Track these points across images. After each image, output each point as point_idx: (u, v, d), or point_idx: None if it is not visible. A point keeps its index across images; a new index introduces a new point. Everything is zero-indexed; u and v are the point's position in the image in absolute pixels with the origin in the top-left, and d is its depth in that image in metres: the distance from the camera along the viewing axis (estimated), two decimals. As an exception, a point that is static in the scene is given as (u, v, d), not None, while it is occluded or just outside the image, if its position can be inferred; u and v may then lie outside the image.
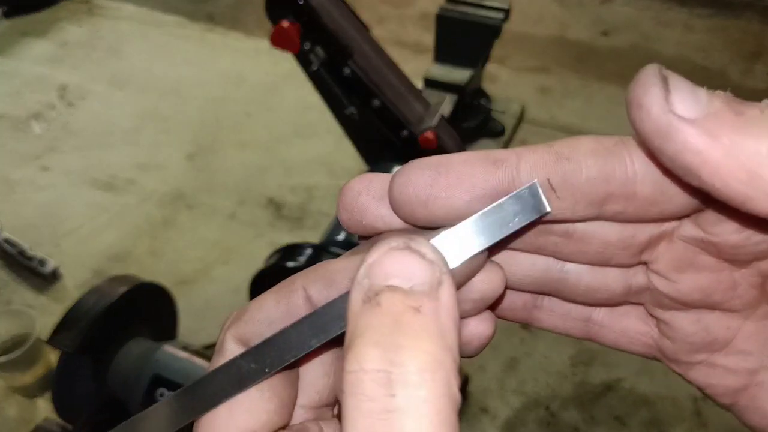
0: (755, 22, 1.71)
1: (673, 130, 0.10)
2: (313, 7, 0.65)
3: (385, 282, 0.11)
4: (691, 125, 0.10)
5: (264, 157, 1.36)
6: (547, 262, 0.15)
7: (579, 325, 0.16)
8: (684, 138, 0.10)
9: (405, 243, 0.12)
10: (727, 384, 0.15)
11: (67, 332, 0.75)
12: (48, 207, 1.26)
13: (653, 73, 0.11)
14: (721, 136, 0.10)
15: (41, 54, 1.63)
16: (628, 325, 0.16)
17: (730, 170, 0.10)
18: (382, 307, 0.11)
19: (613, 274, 0.15)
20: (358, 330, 0.11)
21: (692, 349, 0.15)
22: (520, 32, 1.66)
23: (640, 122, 0.11)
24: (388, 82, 0.69)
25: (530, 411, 0.97)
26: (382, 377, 0.10)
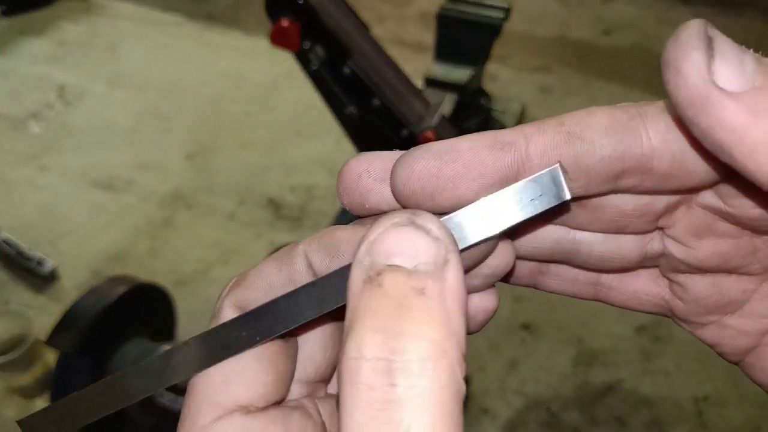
0: (758, 20, 1.70)
1: (711, 103, 0.09)
2: (312, 6, 0.64)
3: (388, 261, 0.11)
4: (732, 100, 0.09)
5: (264, 156, 1.35)
6: (558, 232, 0.14)
7: (587, 288, 0.16)
8: (722, 113, 0.09)
9: (409, 219, 0.11)
10: (737, 344, 0.15)
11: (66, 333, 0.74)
12: (46, 207, 1.25)
13: (697, 32, 0.10)
14: (764, 115, 0.09)
15: (39, 53, 1.62)
16: (639, 288, 0.15)
17: (766, 154, 0.09)
18: (384, 289, 0.10)
19: (627, 242, 0.14)
20: (359, 312, 0.10)
21: (705, 310, 0.15)
22: (521, 31, 1.66)
23: (675, 88, 0.10)
24: (388, 82, 0.69)
25: (531, 412, 0.97)
26: (382, 366, 0.10)
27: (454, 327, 0.10)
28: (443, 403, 0.10)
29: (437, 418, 0.09)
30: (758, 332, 0.15)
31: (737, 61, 0.09)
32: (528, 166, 0.12)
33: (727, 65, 0.09)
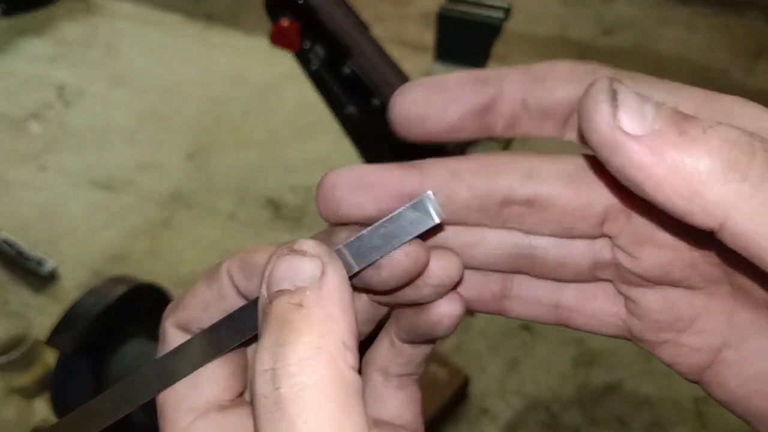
0: (758, 20, 1.70)
1: (619, 146, 0.11)
2: (312, 6, 0.64)
3: (276, 288, 0.12)
4: (636, 142, 0.11)
5: (263, 156, 1.35)
6: (514, 238, 0.15)
7: (549, 311, 0.16)
8: (629, 154, 0.11)
9: (288, 248, 0.13)
10: (692, 362, 0.15)
11: (66, 333, 0.74)
12: (46, 207, 1.25)
13: (603, 88, 0.11)
14: (665, 153, 0.11)
15: (39, 53, 1.62)
16: (598, 308, 0.16)
17: (672, 186, 0.11)
18: (273, 312, 0.12)
19: (578, 247, 0.15)
20: (260, 337, 0.12)
21: (659, 327, 0.15)
22: (521, 31, 1.66)
23: (589, 134, 0.11)
24: (388, 82, 0.69)
25: (531, 412, 0.97)
26: (269, 375, 0.11)
27: (332, 326, 0.12)
28: (325, 391, 0.11)
29: (322, 405, 0.11)
30: (711, 349, 0.15)
31: (638, 109, 0.11)
32: (500, 99, 0.14)
33: (629, 113, 0.11)
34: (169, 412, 0.15)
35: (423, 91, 0.14)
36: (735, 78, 1.54)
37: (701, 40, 1.65)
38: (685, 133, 0.11)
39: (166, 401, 0.15)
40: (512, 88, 0.14)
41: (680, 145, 0.11)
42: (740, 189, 0.10)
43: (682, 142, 0.11)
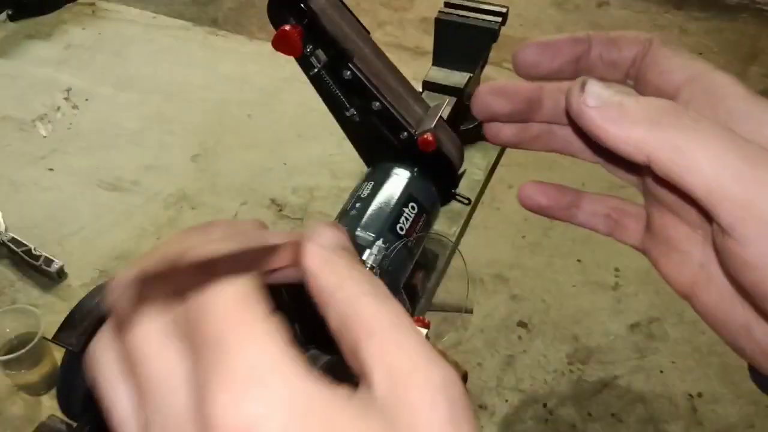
0: (751, 24, 1.72)
1: (582, 112, 0.17)
2: (315, 11, 0.66)
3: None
4: (591, 110, 0.17)
5: (266, 158, 1.38)
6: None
7: (602, 221, 0.22)
8: (589, 116, 0.17)
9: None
10: (678, 278, 0.20)
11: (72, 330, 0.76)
12: (53, 207, 1.27)
13: (578, 82, 0.17)
14: (608, 118, 0.17)
15: (46, 56, 1.65)
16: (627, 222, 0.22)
17: (615, 134, 0.16)
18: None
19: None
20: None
21: (657, 243, 0.20)
22: (518, 36, 1.68)
23: (569, 107, 0.17)
24: (388, 85, 0.70)
25: (528, 408, 0.98)
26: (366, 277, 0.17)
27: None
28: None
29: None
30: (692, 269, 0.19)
31: (596, 92, 0.17)
32: (587, 52, 0.20)
33: (589, 95, 0.17)
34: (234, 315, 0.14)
35: (537, 46, 0.20)
36: (729, 81, 1.55)
37: (695, 44, 1.67)
38: (622, 104, 0.16)
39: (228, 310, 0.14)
40: (595, 46, 0.20)
41: (618, 113, 0.16)
42: (656, 133, 0.15)
43: (619, 111, 0.16)
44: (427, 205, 0.69)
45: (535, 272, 1.14)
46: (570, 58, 0.20)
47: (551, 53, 0.20)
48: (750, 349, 0.17)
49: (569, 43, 0.20)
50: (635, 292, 1.10)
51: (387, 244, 0.61)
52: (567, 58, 0.20)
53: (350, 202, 0.67)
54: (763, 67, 1.59)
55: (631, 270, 1.16)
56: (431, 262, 0.82)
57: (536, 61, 0.20)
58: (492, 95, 0.21)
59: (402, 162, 0.71)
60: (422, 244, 0.69)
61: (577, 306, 1.10)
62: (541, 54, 0.20)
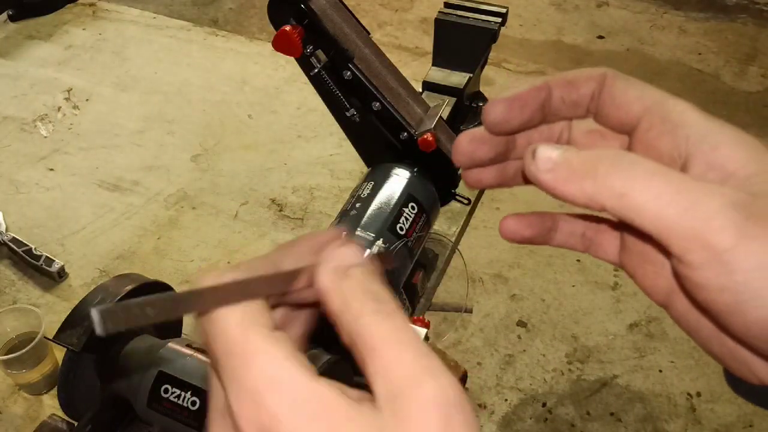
0: (750, 24, 1.73)
1: (538, 179, 0.18)
2: (315, 12, 0.66)
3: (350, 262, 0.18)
4: (544, 173, 0.18)
5: (267, 158, 1.38)
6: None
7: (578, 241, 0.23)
8: (544, 182, 0.18)
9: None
10: (654, 289, 0.20)
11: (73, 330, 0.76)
12: (54, 207, 1.28)
13: (530, 149, 0.18)
14: (560, 179, 0.17)
15: (47, 57, 1.65)
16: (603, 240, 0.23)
17: (569, 193, 0.17)
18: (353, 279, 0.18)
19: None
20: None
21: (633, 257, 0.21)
22: (518, 36, 1.68)
23: (527, 174, 0.18)
24: (387, 85, 0.71)
25: (527, 407, 0.99)
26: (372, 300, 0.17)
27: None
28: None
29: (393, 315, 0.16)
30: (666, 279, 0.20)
31: (546, 156, 0.18)
32: (549, 98, 0.21)
33: (540, 160, 0.18)
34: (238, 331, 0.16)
35: (504, 104, 0.21)
36: (726, 82, 1.56)
37: (694, 45, 1.67)
38: (570, 162, 0.17)
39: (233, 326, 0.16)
40: (555, 90, 0.20)
41: (568, 173, 0.17)
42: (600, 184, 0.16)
43: (568, 171, 0.17)
44: (427, 205, 0.69)
45: (535, 272, 1.14)
46: (535, 106, 0.20)
47: (518, 107, 0.20)
48: (722, 354, 0.18)
49: (532, 94, 0.20)
50: (634, 292, 1.11)
51: (387, 244, 0.61)
52: (533, 107, 0.20)
53: (350, 202, 0.67)
54: (762, 67, 1.59)
55: (630, 270, 1.15)
56: (431, 262, 0.82)
57: (505, 118, 0.20)
58: (473, 143, 0.21)
59: (402, 162, 0.71)
60: (422, 244, 0.69)
61: (577, 305, 1.10)
62: (509, 110, 0.20)
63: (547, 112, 0.21)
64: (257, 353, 0.15)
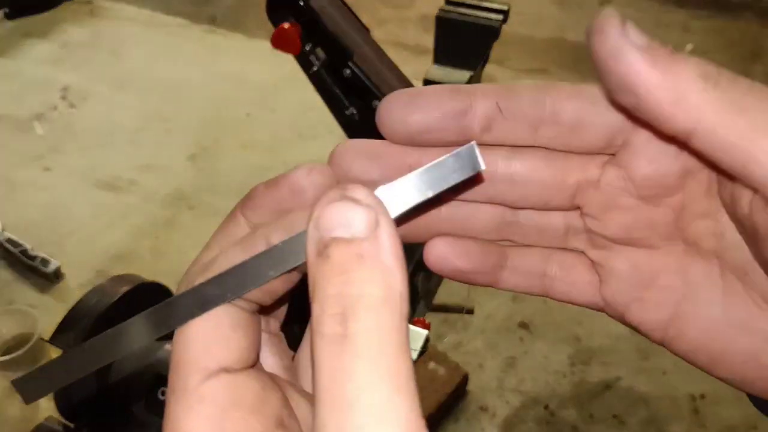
0: (754, 23, 1.71)
1: (625, 53, 0.13)
2: (314, 9, 0.65)
3: (330, 234, 0.13)
4: (638, 50, 0.13)
5: (265, 157, 1.37)
6: (502, 211, 0.18)
7: (537, 281, 0.19)
8: (631, 60, 0.13)
9: (341, 194, 0.14)
10: (657, 317, 0.17)
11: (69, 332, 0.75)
12: (50, 207, 1.27)
13: (614, 12, 0.14)
14: (658, 62, 0.13)
15: (43, 55, 1.64)
16: (577, 276, 0.19)
17: (661, 91, 0.13)
18: (332, 260, 0.13)
19: (555, 217, 0.18)
20: (319, 281, 0.13)
21: (626, 288, 0.18)
22: (519, 34, 1.67)
23: (599, 44, 0.14)
24: (388, 84, 0.70)
25: (529, 409, 0.98)
26: (339, 318, 0.13)
27: (391, 279, 0.13)
28: (389, 337, 0.13)
29: (383, 343, 0.12)
30: (672, 303, 0.17)
31: (638, 30, 0.13)
32: (475, 106, 0.16)
33: (634, 30, 0.13)
34: (181, 370, 0.15)
35: (406, 96, 0.16)
36: (731, 80, 1.55)
37: (697, 43, 1.66)
38: (672, 52, 0.13)
39: (181, 358, 0.15)
40: (486, 95, 0.17)
41: (670, 57, 0.13)
42: (713, 93, 0.13)
43: (672, 56, 0.13)
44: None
45: (537, 272, 1.14)
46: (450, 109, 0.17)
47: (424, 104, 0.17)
48: (761, 378, 0.16)
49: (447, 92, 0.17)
50: (637, 293, 1.10)
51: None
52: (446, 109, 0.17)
53: (350, 202, 0.66)
54: (766, 65, 1.58)
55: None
56: (432, 263, 0.81)
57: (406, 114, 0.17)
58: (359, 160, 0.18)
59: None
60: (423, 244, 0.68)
61: (579, 307, 1.09)
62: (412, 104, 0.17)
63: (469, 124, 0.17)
64: (180, 409, 0.15)
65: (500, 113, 0.16)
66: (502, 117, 0.16)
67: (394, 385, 0.12)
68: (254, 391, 0.16)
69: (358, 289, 0.13)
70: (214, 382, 0.15)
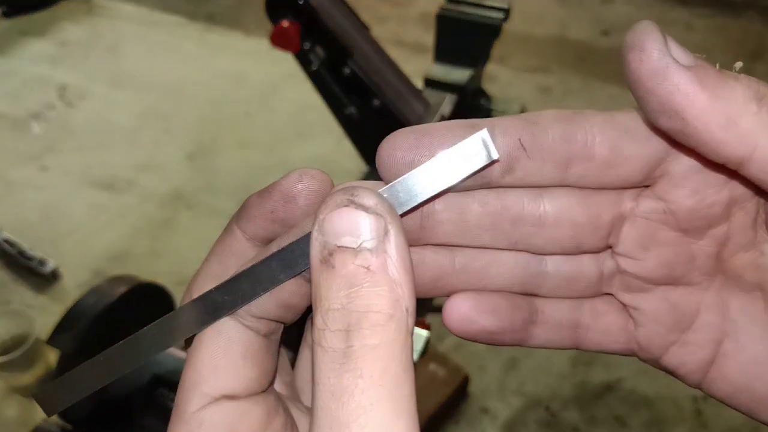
0: (756, 21, 1.71)
1: (670, 72, 0.12)
2: (313, 6, 0.64)
3: (336, 241, 0.12)
4: (685, 70, 0.12)
5: (264, 157, 1.36)
6: (527, 259, 0.16)
7: (569, 333, 0.17)
8: (678, 80, 0.12)
9: (349, 199, 0.13)
10: (698, 359, 0.16)
11: (66, 332, 0.75)
12: (47, 207, 1.26)
13: (653, 25, 0.12)
14: (707, 82, 0.12)
15: (41, 54, 1.63)
16: (610, 322, 0.17)
17: (711, 114, 0.12)
18: (336, 270, 0.12)
19: (586, 262, 0.16)
20: (322, 291, 0.12)
21: (665, 330, 0.16)
22: (521, 32, 1.66)
23: (639, 63, 0.12)
24: (388, 82, 0.69)
25: (530, 411, 0.97)
26: (342, 335, 0.12)
27: (399, 292, 0.12)
28: (393, 353, 0.12)
29: (387, 362, 0.12)
30: (712, 342, 0.16)
31: (681, 47, 0.12)
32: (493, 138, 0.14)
33: (677, 46, 0.12)
34: (185, 391, 0.15)
35: (411, 135, 0.14)
36: (733, 79, 1.54)
37: (700, 41, 1.66)
38: (722, 71, 0.12)
39: (187, 379, 0.15)
40: (504, 132, 0.14)
41: (720, 78, 0.12)
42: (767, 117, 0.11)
43: (721, 76, 0.12)
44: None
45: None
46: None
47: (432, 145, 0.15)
48: None
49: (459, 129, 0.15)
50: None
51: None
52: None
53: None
54: None
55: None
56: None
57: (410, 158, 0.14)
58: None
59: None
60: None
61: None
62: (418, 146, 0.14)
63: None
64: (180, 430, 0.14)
65: (524, 152, 0.14)
66: (526, 156, 0.14)
67: (395, 408, 0.11)
68: (257, 418, 0.15)
69: (364, 305, 0.12)
70: (214, 408, 0.15)
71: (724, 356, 0.16)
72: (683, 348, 0.16)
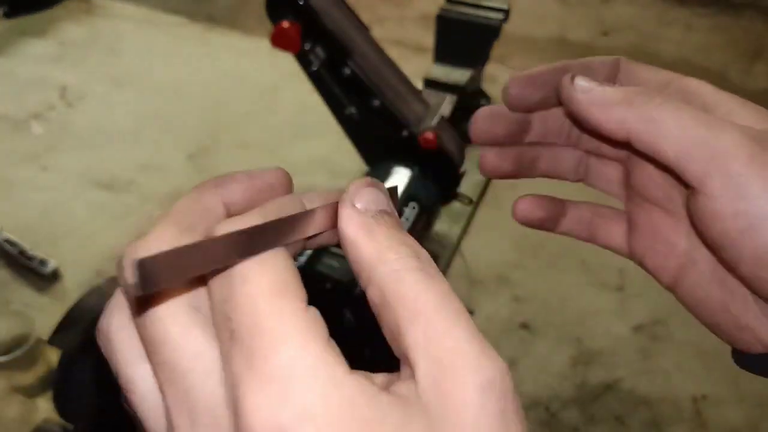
0: (756, 21, 1.71)
1: (572, 99, 0.19)
2: (313, 7, 0.65)
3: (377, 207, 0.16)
4: (579, 94, 0.19)
5: (264, 157, 1.36)
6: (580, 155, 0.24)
7: (585, 228, 0.23)
8: (577, 101, 0.19)
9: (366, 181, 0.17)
10: (669, 266, 0.21)
11: (67, 332, 0.75)
12: (48, 207, 1.26)
13: (568, 75, 0.19)
14: (593, 101, 0.18)
15: (41, 54, 1.63)
16: (613, 226, 0.23)
17: (598, 116, 0.18)
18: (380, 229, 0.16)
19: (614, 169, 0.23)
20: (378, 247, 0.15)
21: (646, 237, 0.21)
22: (521, 32, 1.66)
23: (561, 95, 0.19)
24: (388, 83, 0.69)
25: (530, 411, 0.97)
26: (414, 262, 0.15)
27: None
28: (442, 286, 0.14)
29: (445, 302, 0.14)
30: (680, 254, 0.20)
31: (582, 83, 0.19)
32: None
33: (577, 85, 0.19)
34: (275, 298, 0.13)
35: (526, 78, 0.21)
36: (733, 79, 1.54)
37: (700, 41, 1.66)
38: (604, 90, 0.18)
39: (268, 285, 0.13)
40: (573, 71, 0.20)
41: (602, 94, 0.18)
42: (632, 110, 0.17)
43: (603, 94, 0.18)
44: (428, 205, 0.68)
45: (538, 273, 1.13)
46: (554, 85, 0.21)
47: (538, 84, 0.21)
48: (726, 324, 0.19)
49: (551, 72, 0.21)
50: (639, 294, 1.09)
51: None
52: (551, 86, 0.21)
53: (349, 203, 0.66)
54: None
55: (636, 271, 1.14)
56: (432, 264, 0.80)
57: (525, 93, 0.21)
58: (492, 118, 0.22)
59: (402, 161, 0.70)
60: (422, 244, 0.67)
61: (581, 307, 1.09)
62: (529, 86, 0.21)
63: None
64: (291, 337, 0.12)
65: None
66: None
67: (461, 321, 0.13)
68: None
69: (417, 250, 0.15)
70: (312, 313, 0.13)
71: (689, 268, 0.20)
72: (656, 252, 0.21)
